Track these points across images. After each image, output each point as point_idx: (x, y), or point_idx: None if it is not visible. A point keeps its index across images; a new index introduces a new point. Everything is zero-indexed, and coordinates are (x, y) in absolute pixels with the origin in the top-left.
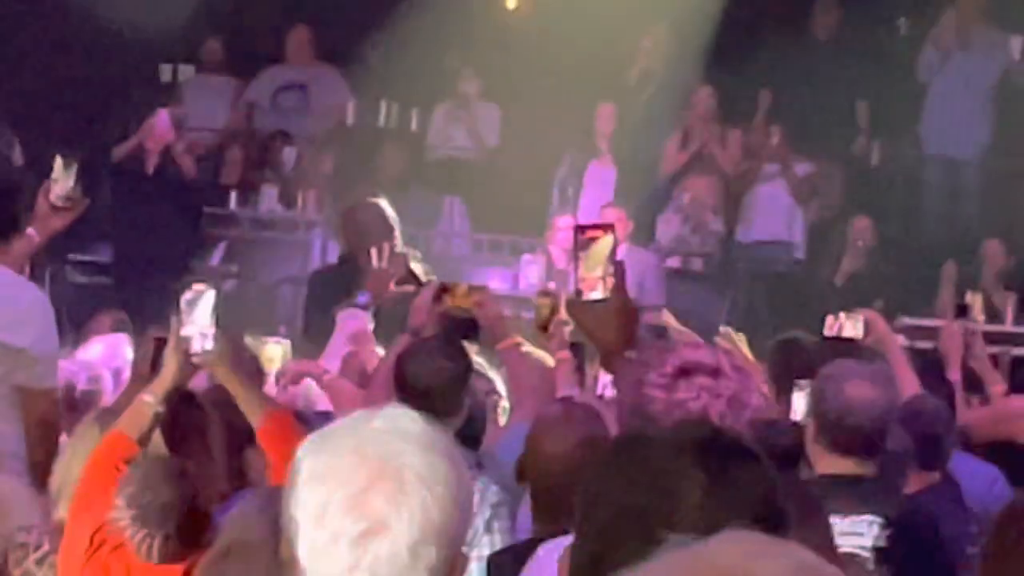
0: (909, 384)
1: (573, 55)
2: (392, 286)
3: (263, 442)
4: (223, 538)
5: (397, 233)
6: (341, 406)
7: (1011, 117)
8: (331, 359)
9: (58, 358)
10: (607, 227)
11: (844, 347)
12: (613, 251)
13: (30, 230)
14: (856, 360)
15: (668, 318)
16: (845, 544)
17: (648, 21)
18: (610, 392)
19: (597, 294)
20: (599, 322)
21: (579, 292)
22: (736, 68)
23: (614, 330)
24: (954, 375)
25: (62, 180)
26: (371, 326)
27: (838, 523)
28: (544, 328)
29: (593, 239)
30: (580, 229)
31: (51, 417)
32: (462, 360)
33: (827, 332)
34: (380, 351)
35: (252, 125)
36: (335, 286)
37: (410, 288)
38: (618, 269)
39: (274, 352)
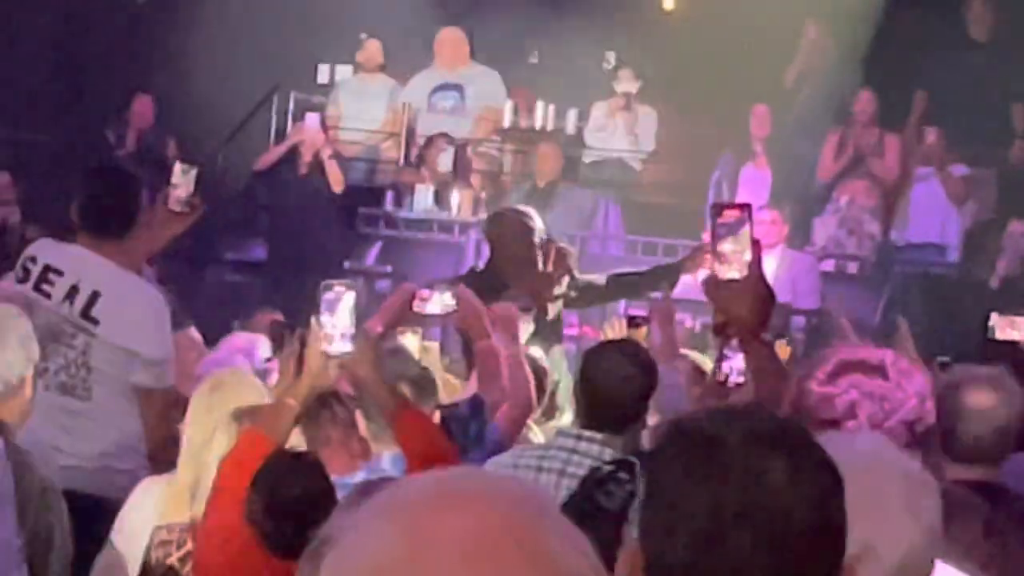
0: None
1: (729, 56)
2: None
3: (399, 441)
4: (322, 532)
5: (536, 241)
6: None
7: None
8: None
9: (172, 359)
10: (744, 207)
11: (1011, 351)
12: (749, 230)
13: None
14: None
15: (846, 325)
16: None
17: (804, 22)
18: (736, 378)
19: (734, 273)
20: (735, 301)
21: (715, 270)
22: (891, 69)
23: (749, 309)
24: None
25: (182, 185)
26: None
27: None
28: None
29: (730, 219)
30: (717, 208)
31: (169, 414)
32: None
33: (999, 335)
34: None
35: (408, 126)
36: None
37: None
38: (754, 248)
39: (409, 343)
